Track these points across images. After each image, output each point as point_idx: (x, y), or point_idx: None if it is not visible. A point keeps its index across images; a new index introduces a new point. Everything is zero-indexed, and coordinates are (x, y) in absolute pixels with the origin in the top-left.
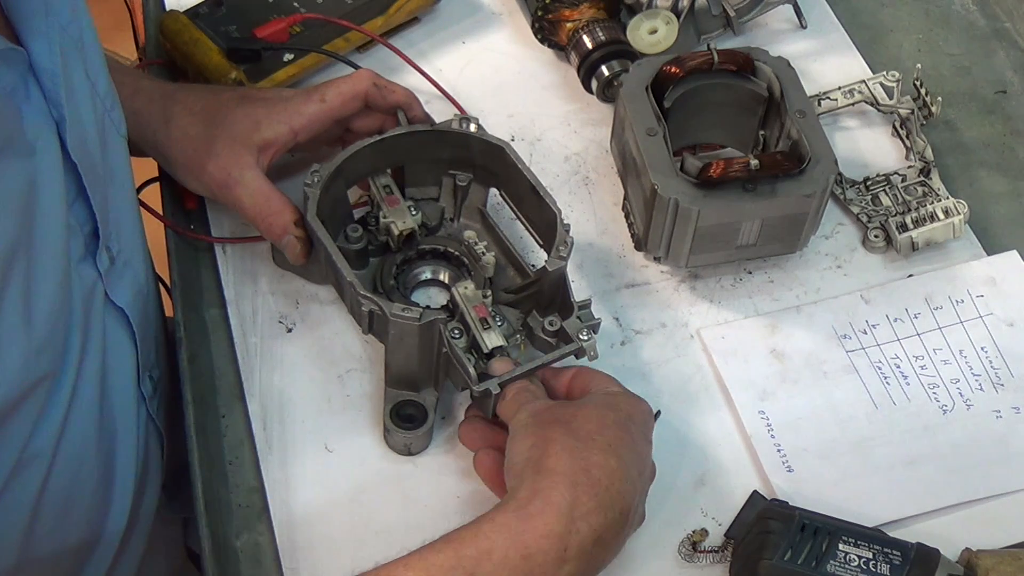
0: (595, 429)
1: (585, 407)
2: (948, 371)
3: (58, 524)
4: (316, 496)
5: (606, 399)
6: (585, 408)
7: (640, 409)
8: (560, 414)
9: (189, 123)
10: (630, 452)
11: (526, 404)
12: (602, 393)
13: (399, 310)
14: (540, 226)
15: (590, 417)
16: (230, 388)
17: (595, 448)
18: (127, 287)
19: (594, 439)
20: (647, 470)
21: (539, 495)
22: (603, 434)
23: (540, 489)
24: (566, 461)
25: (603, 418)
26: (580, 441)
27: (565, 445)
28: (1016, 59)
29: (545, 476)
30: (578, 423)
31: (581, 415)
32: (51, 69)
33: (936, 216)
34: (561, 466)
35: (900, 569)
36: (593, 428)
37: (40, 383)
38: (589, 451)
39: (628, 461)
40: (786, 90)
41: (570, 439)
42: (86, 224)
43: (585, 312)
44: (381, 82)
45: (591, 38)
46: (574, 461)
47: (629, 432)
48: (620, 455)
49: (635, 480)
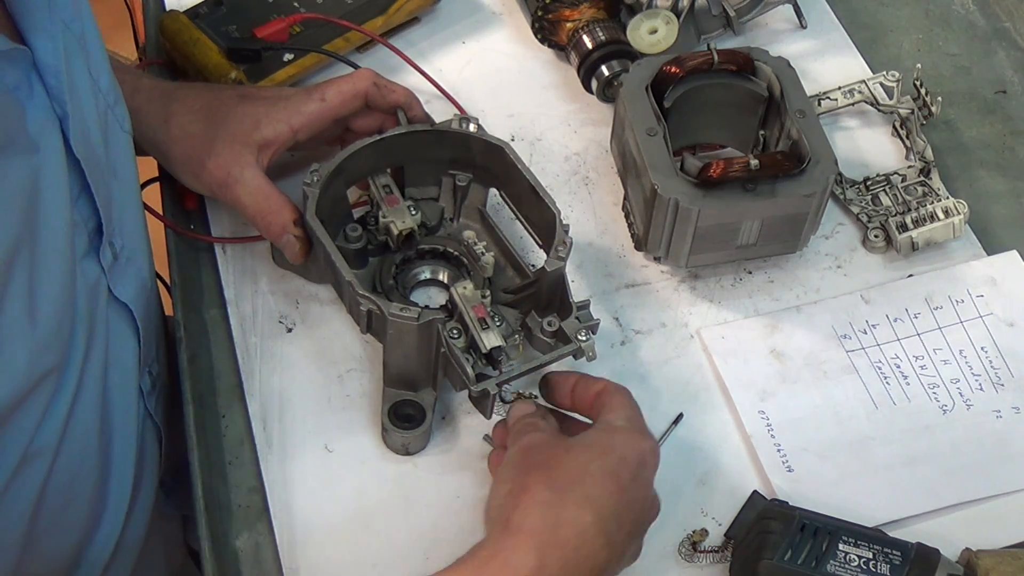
0: (576, 477)
1: (574, 449)
2: (948, 371)
3: (58, 519)
4: (316, 496)
5: (602, 438)
6: (573, 451)
7: (637, 450)
8: (545, 457)
9: (189, 121)
10: (612, 503)
11: (523, 436)
12: (602, 428)
13: (397, 310)
14: (539, 226)
15: (574, 463)
16: (230, 388)
17: (570, 501)
18: (131, 282)
19: (572, 490)
20: (640, 515)
21: (500, 556)
22: (583, 484)
23: (502, 549)
24: (535, 517)
25: (588, 464)
26: (556, 492)
27: (538, 498)
28: (1016, 59)
29: (510, 534)
30: (560, 470)
31: (566, 460)
32: (54, 66)
33: (936, 216)
34: (528, 523)
35: (900, 569)
36: (574, 476)
37: (45, 379)
38: (563, 505)
39: (607, 514)
40: (786, 90)
41: (545, 491)
42: (90, 220)
43: (584, 312)
44: (381, 82)
45: (591, 38)
46: (544, 518)
47: (617, 479)
48: (598, 509)
49: (613, 534)
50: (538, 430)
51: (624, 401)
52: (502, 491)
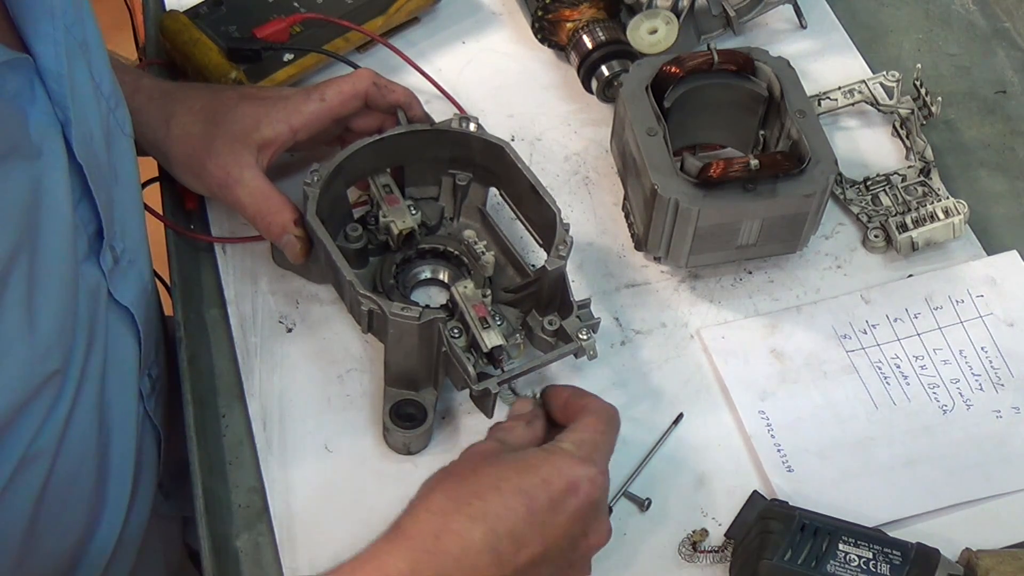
0: (481, 491)
1: (499, 464)
2: (948, 371)
3: (58, 521)
4: (316, 496)
5: (535, 457)
6: (497, 465)
7: (568, 476)
8: (469, 467)
9: (189, 121)
10: (513, 523)
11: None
12: (544, 447)
13: (398, 309)
14: (540, 226)
15: (489, 477)
16: (230, 388)
17: (463, 514)
18: (132, 285)
19: (470, 503)
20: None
21: (374, 559)
22: (485, 499)
23: (378, 554)
24: (422, 523)
25: (501, 481)
26: (453, 502)
27: (432, 505)
28: (1016, 59)
29: (392, 539)
30: (472, 480)
31: (484, 472)
32: (56, 71)
33: (936, 216)
34: (413, 529)
35: (900, 569)
36: (480, 490)
37: (47, 383)
38: (455, 516)
39: (503, 533)
40: (786, 90)
41: (443, 498)
42: (90, 224)
43: (584, 312)
44: (381, 81)
45: (591, 38)
46: (430, 524)
47: (529, 501)
48: (493, 527)
49: (507, 555)
50: (499, 441)
51: (590, 423)
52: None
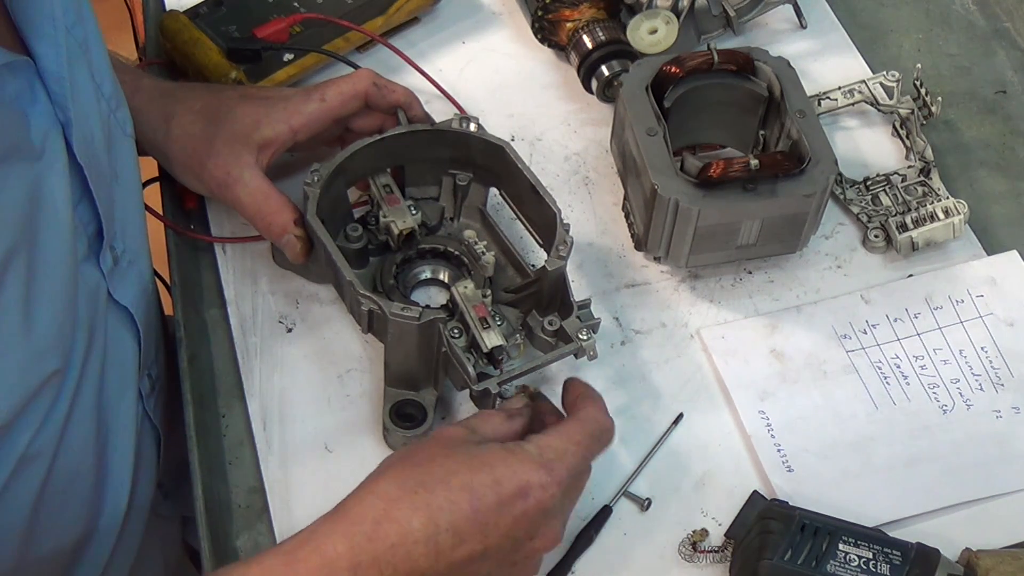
0: (431, 481)
1: (455, 456)
2: (948, 371)
3: (56, 521)
4: (316, 496)
5: (494, 455)
6: (452, 458)
7: (520, 480)
8: (427, 453)
9: (189, 121)
10: (455, 519)
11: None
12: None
13: (398, 309)
14: (540, 226)
15: (442, 469)
16: (230, 388)
17: (407, 501)
18: (132, 286)
19: (415, 492)
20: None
21: (312, 541)
22: (432, 491)
23: (316, 533)
24: (365, 507)
25: (452, 475)
26: (401, 489)
27: (378, 489)
28: (1016, 59)
29: (333, 519)
30: (422, 470)
31: (439, 463)
32: (57, 73)
33: (936, 216)
34: (355, 512)
35: (900, 569)
36: (429, 480)
37: (46, 384)
38: (399, 502)
39: (443, 527)
40: (786, 90)
41: (391, 484)
42: (90, 224)
43: (585, 312)
44: (381, 82)
45: (591, 38)
46: (373, 509)
47: (475, 499)
48: (433, 518)
49: (444, 549)
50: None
51: (568, 430)
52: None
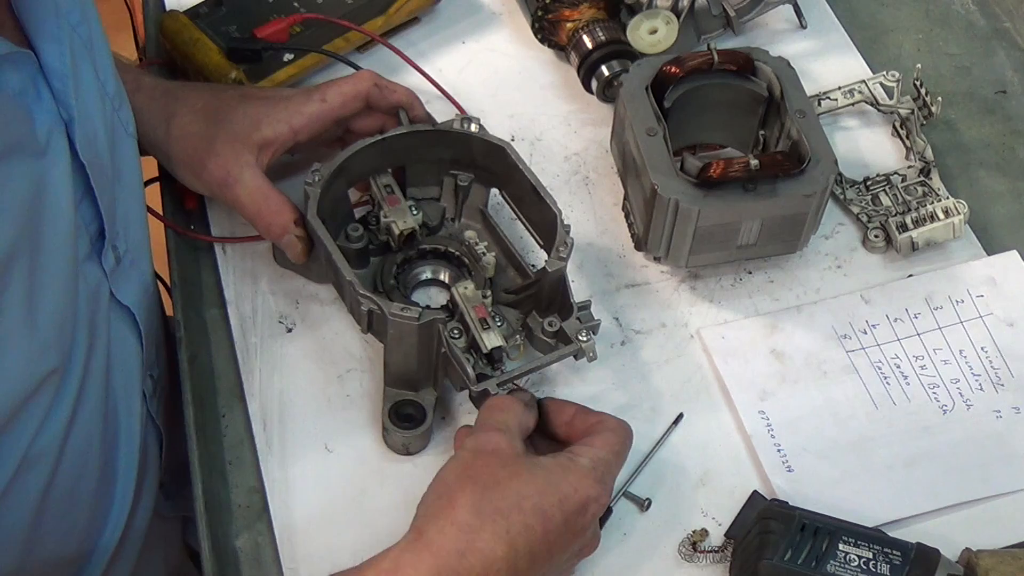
0: (505, 508)
1: (520, 476)
2: (948, 371)
3: (61, 523)
4: (316, 496)
5: (553, 472)
6: (517, 478)
7: (582, 496)
8: (489, 472)
9: (190, 121)
10: (531, 543)
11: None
12: (563, 461)
13: (398, 310)
14: (540, 226)
15: (512, 491)
16: (230, 388)
17: (488, 530)
18: (133, 286)
19: (495, 520)
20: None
21: (400, 572)
22: (509, 517)
23: (401, 565)
24: (448, 538)
25: (524, 499)
26: (479, 517)
27: (458, 519)
28: (1016, 59)
29: (416, 550)
30: (494, 493)
31: (506, 485)
32: (61, 70)
33: (936, 216)
34: (438, 543)
35: (900, 569)
36: (505, 505)
37: (45, 382)
38: (480, 532)
39: (522, 552)
40: (786, 90)
41: (469, 513)
42: (92, 223)
43: (585, 313)
44: (382, 82)
45: (591, 38)
46: (456, 541)
47: (547, 521)
48: (515, 545)
49: (522, 571)
50: (500, 430)
51: (607, 440)
52: (434, 490)
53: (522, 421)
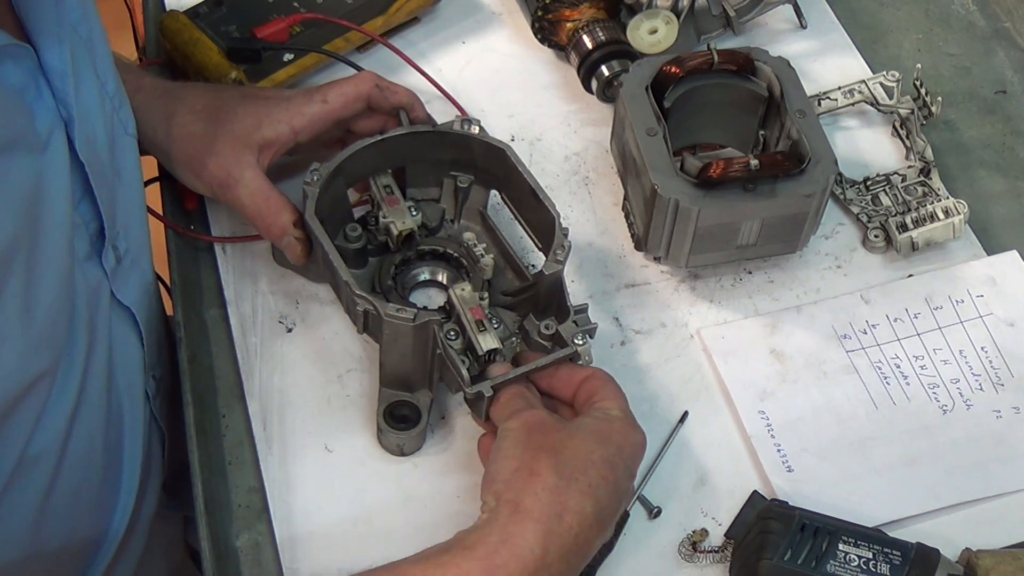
0: (580, 466)
1: (576, 435)
2: (948, 371)
3: (64, 523)
4: (316, 496)
5: (601, 426)
6: (576, 437)
7: (632, 441)
8: (551, 439)
9: (191, 121)
10: (608, 494)
11: (519, 411)
12: (600, 416)
13: (393, 310)
14: (539, 229)
15: (579, 450)
16: (230, 388)
17: (575, 490)
18: (134, 286)
19: (576, 479)
20: (623, 503)
21: (508, 544)
22: (587, 473)
23: (510, 535)
24: (545, 503)
25: (591, 453)
26: (563, 479)
27: (547, 484)
28: (1016, 59)
29: (519, 520)
30: (566, 455)
31: (571, 446)
32: (61, 68)
33: (936, 216)
34: (538, 509)
35: (900, 569)
36: (579, 465)
37: (40, 380)
38: (568, 493)
39: (604, 503)
40: (786, 90)
41: (553, 476)
42: (92, 223)
43: (581, 316)
44: (384, 83)
45: (591, 38)
46: (552, 504)
47: (614, 470)
48: (598, 498)
49: (606, 522)
50: (533, 406)
51: (616, 390)
52: (507, 467)
53: (536, 397)
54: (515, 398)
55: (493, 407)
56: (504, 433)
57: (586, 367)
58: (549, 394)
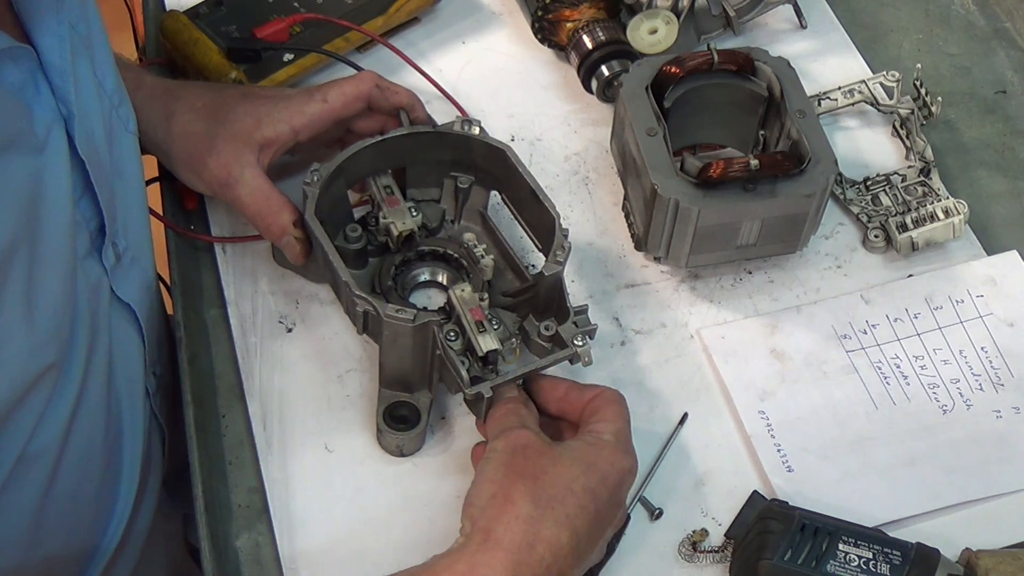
0: (559, 494)
1: (560, 461)
2: (948, 371)
3: (65, 520)
4: (316, 496)
5: (587, 452)
6: (559, 464)
7: (619, 469)
8: (533, 465)
9: (191, 120)
10: (587, 524)
11: (508, 431)
12: (589, 440)
13: (393, 311)
14: (539, 230)
15: (560, 477)
16: (230, 388)
17: (550, 519)
18: (134, 283)
19: (552, 508)
20: (608, 529)
21: (474, 573)
22: (564, 502)
23: (478, 564)
24: (516, 533)
25: (572, 482)
26: (539, 508)
27: (520, 512)
28: (1016, 59)
29: (488, 549)
30: (545, 483)
31: (552, 472)
32: (60, 66)
33: (936, 216)
34: (508, 539)
35: (900, 569)
36: (558, 492)
37: (43, 377)
38: (543, 522)
39: (581, 533)
40: (786, 90)
41: (528, 505)
42: (92, 220)
43: (581, 317)
44: (384, 84)
45: (591, 38)
46: (524, 534)
47: (595, 499)
48: (575, 528)
49: (584, 552)
50: (524, 426)
51: (617, 412)
52: (486, 492)
53: (531, 415)
54: (508, 415)
55: (487, 421)
56: (489, 454)
57: (595, 386)
58: (559, 418)
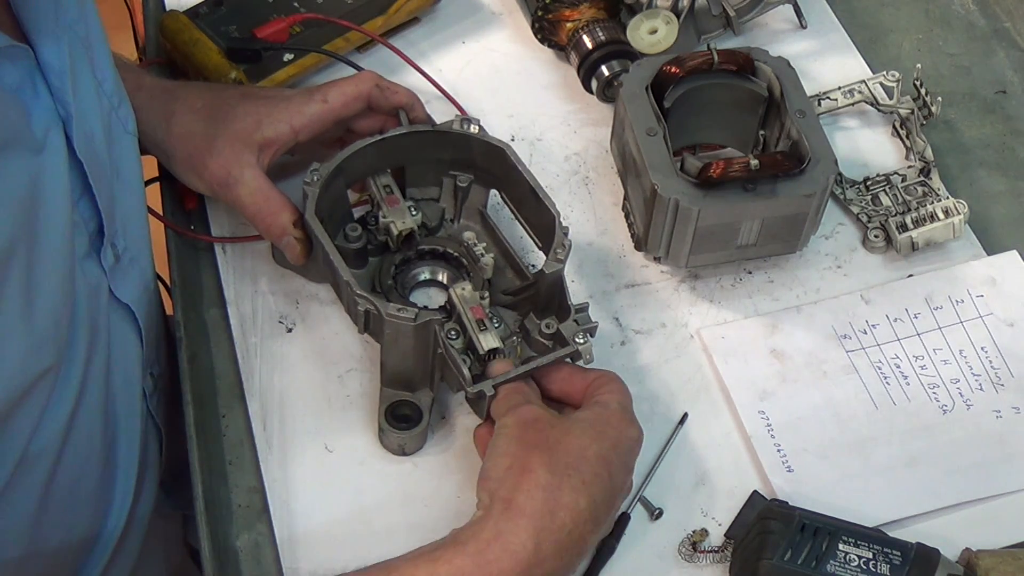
0: (574, 462)
1: (571, 431)
2: (948, 371)
3: (63, 519)
4: (316, 496)
5: (596, 421)
6: (571, 433)
7: (628, 436)
8: (545, 436)
9: (191, 120)
10: (603, 490)
11: (515, 407)
12: (597, 411)
13: (394, 310)
14: (539, 228)
15: (573, 446)
16: (230, 388)
17: (568, 486)
18: (133, 284)
19: (569, 475)
20: (620, 497)
21: (500, 540)
22: (580, 470)
23: (503, 532)
24: (537, 501)
25: (585, 449)
26: (556, 476)
27: (539, 481)
28: (1016, 59)
29: (511, 516)
30: (560, 452)
31: (565, 442)
32: (58, 67)
33: (936, 216)
34: (530, 506)
35: (900, 569)
36: (572, 460)
37: (42, 379)
38: (561, 489)
39: (598, 499)
40: (786, 90)
41: (546, 473)
42: (91, 221)
43: (582, 315)
44: (384, 83)
45: (591, 38)
46: (544, 501)
47: (609, 465)
48: (591, 494)
49: (600, 518)
50: (530, 401)
51: (618, 387)
52: (501, 464)
53: (534, 392)
54: (513, 393)
55: (492, 403)
56: (500, 430)
57: (596, 370)
58: (561, 400)
